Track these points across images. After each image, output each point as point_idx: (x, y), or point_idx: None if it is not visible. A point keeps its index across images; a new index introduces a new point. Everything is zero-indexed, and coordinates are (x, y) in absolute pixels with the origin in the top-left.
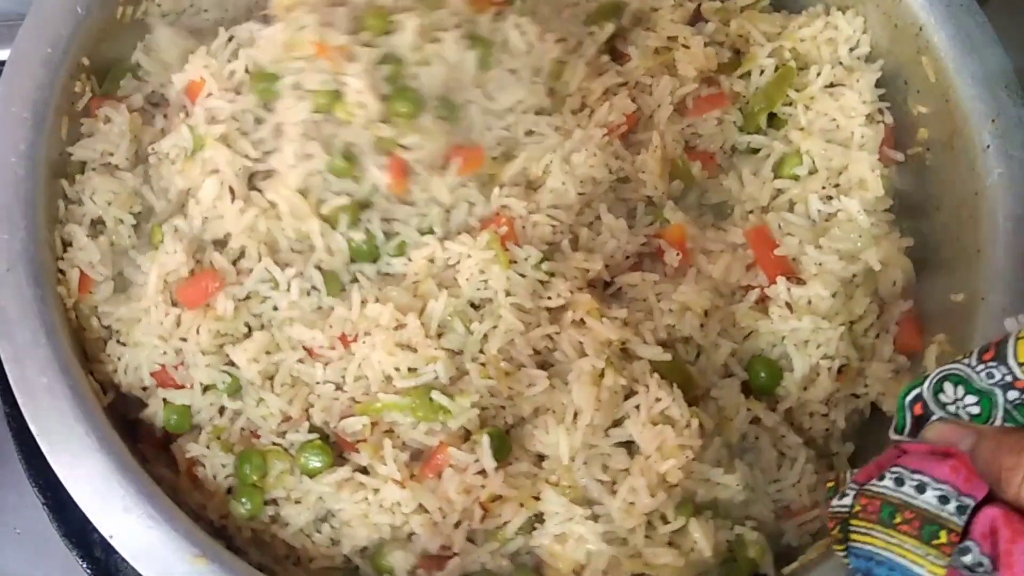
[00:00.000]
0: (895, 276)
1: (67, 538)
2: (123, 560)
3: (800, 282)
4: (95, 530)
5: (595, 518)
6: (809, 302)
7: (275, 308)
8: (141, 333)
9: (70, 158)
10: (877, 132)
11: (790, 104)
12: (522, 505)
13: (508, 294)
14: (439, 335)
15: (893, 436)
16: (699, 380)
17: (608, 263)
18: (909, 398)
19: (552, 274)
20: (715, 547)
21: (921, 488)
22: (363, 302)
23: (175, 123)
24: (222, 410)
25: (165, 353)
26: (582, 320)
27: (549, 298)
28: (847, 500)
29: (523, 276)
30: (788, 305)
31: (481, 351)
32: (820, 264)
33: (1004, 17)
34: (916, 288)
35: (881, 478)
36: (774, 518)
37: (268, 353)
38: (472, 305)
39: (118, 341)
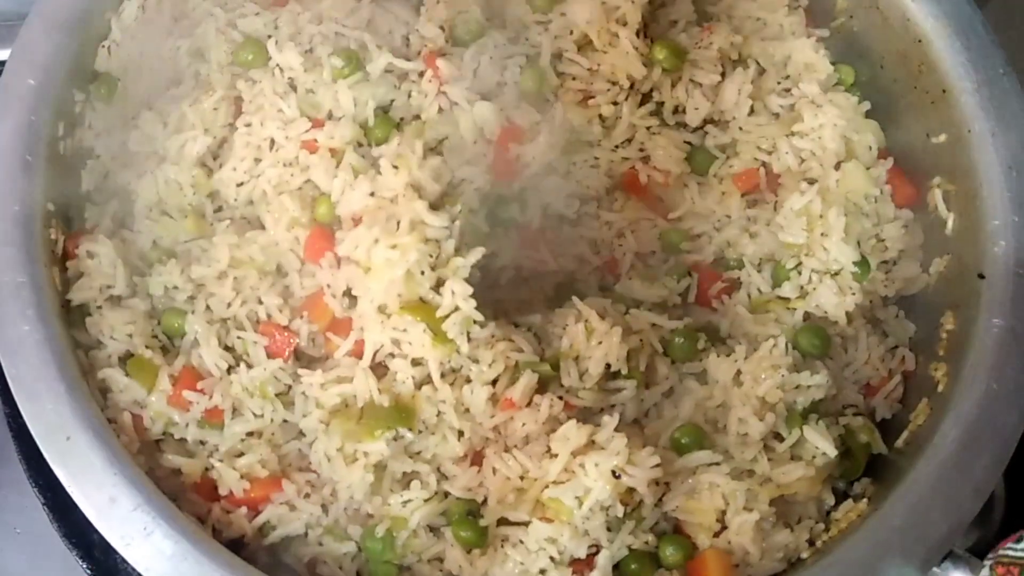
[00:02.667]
0: (867, 141)
1: (67, 538)
2: (123, 560)
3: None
4: (95, 530)
5: (716, 463)
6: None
7: None
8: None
9: (70, 305)
10: (800, 17)
11: (711, 18)
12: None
13: None
14: None
15: None
16: None
17: None
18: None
19: None
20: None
21: None
22: None
23: None
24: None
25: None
26: None
27: None
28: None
29: None
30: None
31: None
32: (801, 157)
33: (1004, 17)
34: (892, 144)
35: (1018, 540)
36: (863, 399)
37: None
38: None
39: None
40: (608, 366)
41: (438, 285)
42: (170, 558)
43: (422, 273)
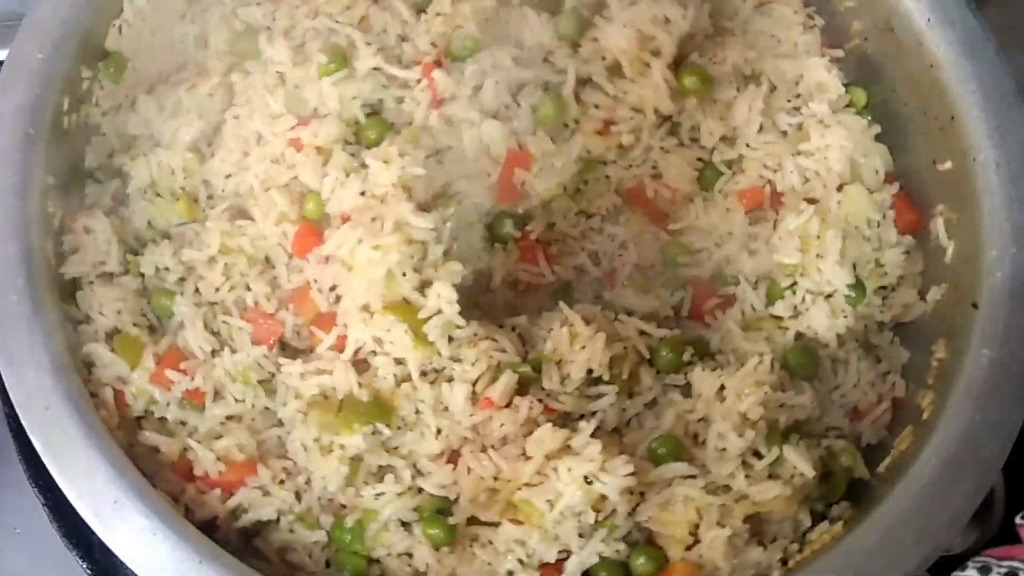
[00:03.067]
0: (875, 164)
1: (67, 538)
2: (122, 561)
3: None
4: (95, 531)
5: (692, 475)
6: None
7: None
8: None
9: (63, 278)
10: (815, 36)
11: (726, 33)
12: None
13: None
14: None
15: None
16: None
17: None
18: None
19: None
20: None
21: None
22: None
23: None
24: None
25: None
26: None
27: None
28: None
29: None
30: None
31: None
32: (805, 177)
33: (1004, 17)
34: (899, 169)
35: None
36: (848, 423)
37: None
38: None
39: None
40: (590, 371)
41: (423, 286)
42: (140, 532)
43: (404, 275)
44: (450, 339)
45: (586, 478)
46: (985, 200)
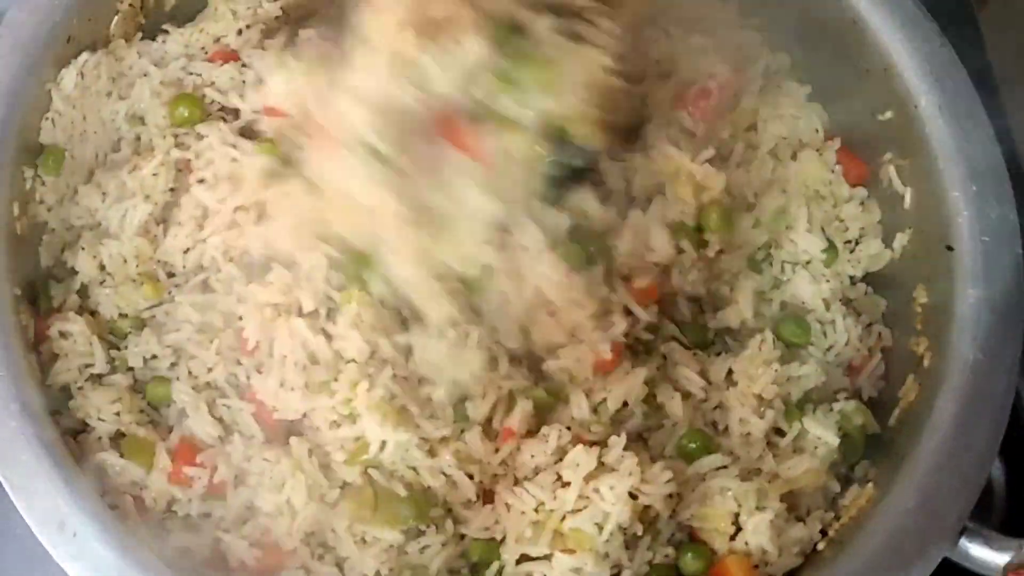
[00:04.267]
0: (812, 123)
1: None
2: None
3: None
4: None
5: (724, 466)
6: None
7: None
8: None
9: (51, 391)
10: (736, 6)
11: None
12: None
13: None
14: None
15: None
16: None
17: None
18: None
19: None
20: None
21: None
22: None
23: None
24: None
25: None
26: None
27: None
28: None
29: None
30: None
31: None
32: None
33: (1004, 17)
34: (837, 124)
35: None
36: (849, 382)
37: None
38: None
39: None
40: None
41: None
42: None
43: None
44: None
45: (631, 493)
46: (935, 144)
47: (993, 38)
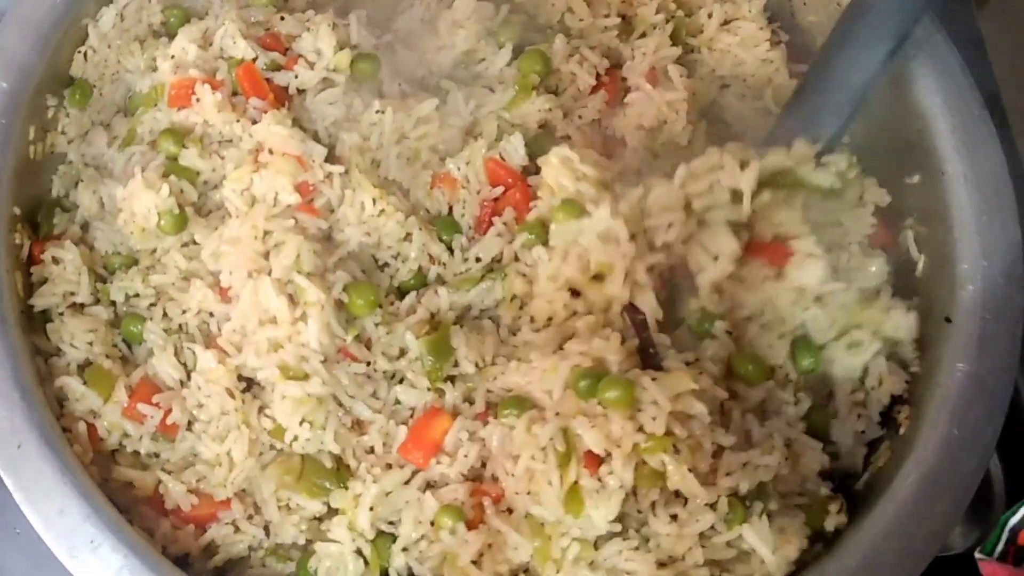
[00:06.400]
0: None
1: None
2: None
3: None
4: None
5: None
6: None
7: None
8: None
9: (32, 311)
10: (781, 53)
11: (692, 51)
12: None
13: None
14: None
15: (978, 556)
16: None
17: None
18: (1014, 520)
19: None
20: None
21: None
22: None
23: None
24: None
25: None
26: None
27: None
28: None
29: None
30: None
31: None
32: None
33: (1001, 19)
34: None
35: None
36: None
37: None
38: None
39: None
40: None
41: None
42: (117, 572)
43: None
44: None
45: None
46: (954, 213)
47: (993, 38)
